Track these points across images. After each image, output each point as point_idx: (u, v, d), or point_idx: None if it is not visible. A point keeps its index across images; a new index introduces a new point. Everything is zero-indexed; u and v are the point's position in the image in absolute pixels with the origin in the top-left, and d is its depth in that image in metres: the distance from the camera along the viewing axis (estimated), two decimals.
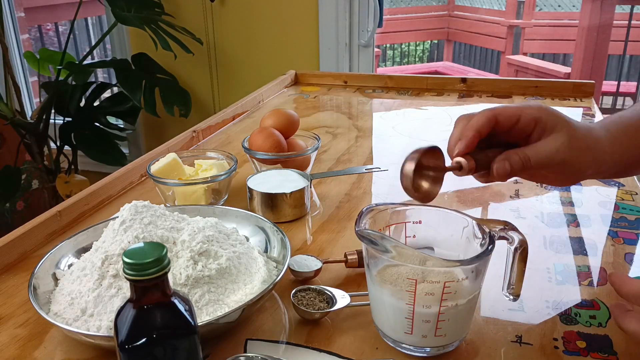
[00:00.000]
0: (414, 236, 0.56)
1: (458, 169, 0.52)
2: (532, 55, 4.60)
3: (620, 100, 3.63)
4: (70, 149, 2.19)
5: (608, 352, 0.53)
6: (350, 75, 1.54)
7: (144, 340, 0.39)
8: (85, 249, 0.63)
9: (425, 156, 0.50)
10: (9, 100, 2.06)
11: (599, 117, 1.20)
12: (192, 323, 0.41)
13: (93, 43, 3.80)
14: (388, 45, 5.77)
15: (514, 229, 0.51)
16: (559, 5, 5.29)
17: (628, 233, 0.74)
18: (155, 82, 2.06)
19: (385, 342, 0.54)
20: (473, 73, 4.67)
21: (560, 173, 0.54)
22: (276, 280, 0.56)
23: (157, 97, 2.06)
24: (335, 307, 0.57)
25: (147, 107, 2.03)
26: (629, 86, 3.62)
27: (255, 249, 0.65)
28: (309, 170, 0.91)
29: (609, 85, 3.66)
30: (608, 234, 0.74)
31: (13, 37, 2.52)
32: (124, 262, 0.38)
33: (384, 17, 2.03)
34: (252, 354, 0.51)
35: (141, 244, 0.40)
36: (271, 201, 0.77)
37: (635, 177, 0.90)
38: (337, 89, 1.50)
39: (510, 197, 0.85)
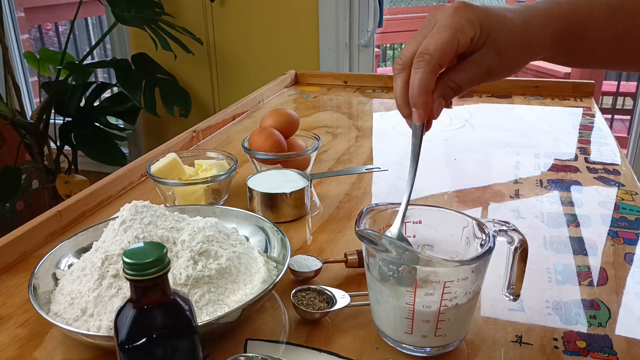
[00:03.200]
0: (414, 236, 0.56)
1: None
2: None
3: (620, 100, 3.62)
4: (70, 149, 2.19)
5: (608, 352, 0.53)
6: (350, 75, 1.54)
7: (144, 340, 0.39)
8: (85, 249, 0.63)
9: None
10: (9, 100, 2.06)
11: (599, 117, 1.20)
12: (192, 323, 0.41)
13: (93, 43, 3.80)
14: (388, 45, 5.77)
15: (514, 229, 0.51)
16: None
17: (628, 233, 0.74)
18: (155, 82, 2.06)
19: (385, 342, 0.54)
20: None
21: (495, 78, 0.51)
22: (276, 280, 0.56)
23: (157, 97, 2.06)
24: (335, 307, 0.57)
25: (147, 107, 2.03)
26: (629, 86, 3.60)
27: (255, 249, 0.65)
28: (309, 170, 0.91)
29: (609, 85, 3.64)
30: (608, 234, 0.74)
31: (13, 37, 2.52)
32: (124, 262, 0.38)
33: (384, 17, 2.03)
34: (252, 354, 0.51)
35: (141, 244, 0.40)
36: (271, 201, 0.77)
37: (635, 177, 0.90)
38: (337, 89, 1.50)
39: (510, 197, 0.85)
